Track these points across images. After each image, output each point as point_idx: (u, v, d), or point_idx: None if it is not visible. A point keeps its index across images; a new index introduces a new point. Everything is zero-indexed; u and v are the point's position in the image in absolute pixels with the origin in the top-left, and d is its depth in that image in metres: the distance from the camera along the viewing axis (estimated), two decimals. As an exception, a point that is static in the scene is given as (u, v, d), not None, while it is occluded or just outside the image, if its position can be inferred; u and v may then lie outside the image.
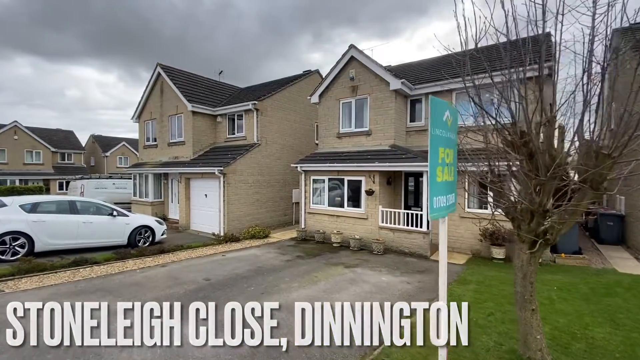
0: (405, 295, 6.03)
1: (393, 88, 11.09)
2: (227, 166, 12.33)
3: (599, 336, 4.37)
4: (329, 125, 12.80)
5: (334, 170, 11.38)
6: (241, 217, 13.03)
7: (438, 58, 14.73)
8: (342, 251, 10.02)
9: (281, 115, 14.95)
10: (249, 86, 18.73)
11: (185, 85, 15.38)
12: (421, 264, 8.64)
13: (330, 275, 7.18)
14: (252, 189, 13.53)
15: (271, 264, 8.17)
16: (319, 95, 12.99)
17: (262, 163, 14.00)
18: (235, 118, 14.84)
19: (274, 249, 10.01)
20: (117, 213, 10.09)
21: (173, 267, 7.76)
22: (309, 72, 17.03)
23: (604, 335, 4.39)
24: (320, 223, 11.90)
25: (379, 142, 11.49)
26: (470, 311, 5.21)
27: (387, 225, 10.32)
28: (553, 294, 6.01)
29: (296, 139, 15.93)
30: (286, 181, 15.29)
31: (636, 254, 9.73)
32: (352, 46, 12.00)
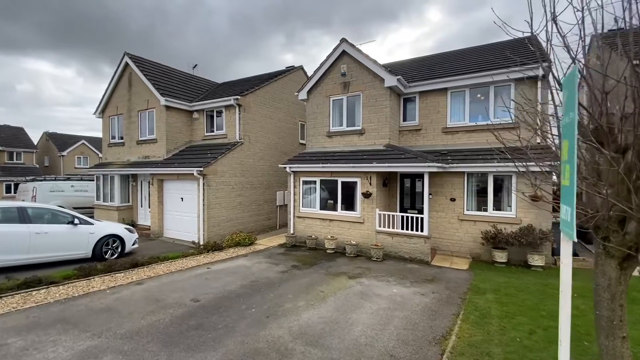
0: (427, 310, 5.39)
1: (388, 85, 10.55)
2: (207, 166, 11.17)
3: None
4: (318, 124, 12.04)
5: (326, 171, 10.62)
6: (223, 223, 11.90)
7: (431, 56, 14.47)
8: (339, 258, 9.28)
9: (265, 112, 13.96)
10: (227, 81, 17.50)
11: (157, 77, 13.93)
12: (425, 271, 8.11)
13: (336, 289, 6.40)
14: (235, 192, 12.44)
15: (266, 277, 7.24)
16: (307, 91, 12.19)
17: (245, 163, 12.94)
18: (214, 114, 13.63)
19: (264, 259, 9.06)
20: (79, 221, 8.66)
21: (151, 285, 6.60)
22: (292, 68, 16.16)
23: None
24: (311, 228, 11.08)
25: (373, 141, 10.90)
26: (506, 326, 4.71)
27: (385, 229, 9.73)
28: (579, 303, 5.65)
29: (280, 137, 15.00)
30: (270, 183, 14.32)
31: (626, 254, 9.85)
32: (344, 40, 11.32)
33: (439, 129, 11.06)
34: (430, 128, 11.23)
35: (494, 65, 10.51)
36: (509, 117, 10.07)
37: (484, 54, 12.18)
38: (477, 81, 10.30)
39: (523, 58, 10.37)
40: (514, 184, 9.15)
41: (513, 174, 9.14)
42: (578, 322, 4.78)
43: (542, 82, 9.52)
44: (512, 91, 9.99)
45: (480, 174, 9.70)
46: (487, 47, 13.08)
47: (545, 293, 6.24)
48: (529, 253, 8.54)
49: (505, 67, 9.98)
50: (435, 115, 11.14)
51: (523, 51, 11.07)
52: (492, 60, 11.12)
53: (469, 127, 10.58)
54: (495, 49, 12.32)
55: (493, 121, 10.23)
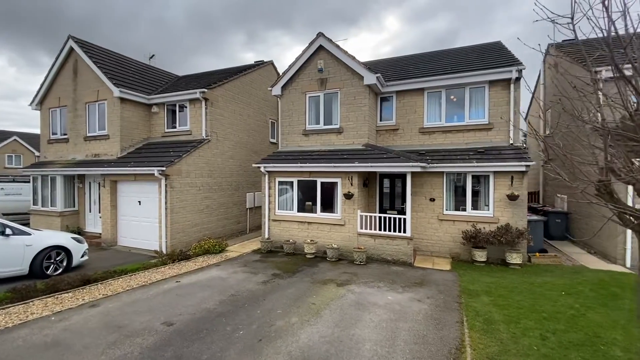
0: (430, 319, 5.06)
1: (367, 83, 10.25)
2: (170, 166, 10.02)
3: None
4: (294, 121, 11.41)
5: (305, 172, 10.03)
6: (188, 228, 10.78)
7: (405, 57, 14.48)
8: (320, 263, 8.74)
9: (233, 107, 12.99)
10: (189, 74, 16.14)
11: (109, 66, 12.33)
12: (411, 273, 7.87)
13: (328, 300, 5.85)
14: (201, 194, 11.36)
15: (247, 289, 6.47)
16: (281, 86, 11.51)
17: (213, 162, 11.90)
18: (176, 109, 12.38)
19: (240, 267, 8.23)
20: (11, 230, 7.17)
21: (110, 307, 5.53)
22: (261, 63, 15.31)
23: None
24: (288, 232, 10.41)
25: (352, 140, 10.54)
26: (516, 332, 4.50)
27: (367, 231, 9.38)
28: (571, 301, 5.68)
29: (250, 135, 14.10)
30: (240, 184, 13.37)
31: (587, 248, 10.52)
32: (321, 34, 10.82)
33: (416, 129, 10.99)
34: (407, 128, 11.13)
35: (469, 67, 10.66)
36: (483, 118, 10.35)
37: (457, 56, 12.39)
38: (453, 82, 10.36)
39: (496, 61, 10.66)
40: (492, 184, 9.28)
41: (491, 174, 9.27)
42: (581, 323, 4.73)
43: (515, 84, 9.82)
44: (487, 93, 10.18)
45: (459, 174, 9.74)
46: (460, 49, 13.36)
47: (535, 292, 6.24)
48: (507, 251, 8.68)
49: (479, 69, 10.17)
50: (413, 115, 11.07)
51: (495, 55, 11.41)
52: (466, 62, 11.31)
53: (446, 128, 10.63)
54: (468, 52, 12.61)
55: (468, 122, 10.41)
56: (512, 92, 9.83)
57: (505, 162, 8.95)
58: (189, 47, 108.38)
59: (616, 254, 8.80)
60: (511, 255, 8.61)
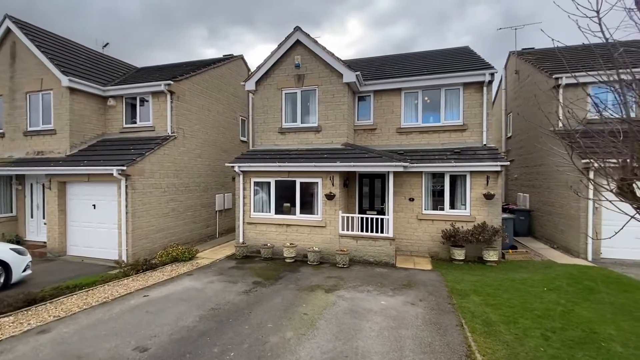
0: (430, 324, 4.87)
1: (347, 81, 10.02)
2: (131, 165, 8.99)
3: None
4: (269, 119, 10.85)
5: (284, 171, 9.52)
6: (152, 234, 9.77)
7: (381, 57, 14.47)
8: (302, 268, 8.31)
9: (202, 102, 12.09)
10: (149, 66, 14.82)
11: (55, 51, 10.85)
12: (396, 274, 7.73)
13: (320, 309, 5.45)
14: (167, 196, 10.37)
15: (228, 301, 5.86)
16: (255, 81, 10.89)
17: (180, 162, 10.94)
18: (137, 102, 11.22)
19: (216, 276, 7.53)
20: None
21: (65, 333, 4.65)
22: (231, 57, 14.47)
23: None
24: (264, 235, 9.83)
25: (330, 139, 10.24)
26: (518, 333, 4.43)
27: (349, 232, 9.12)
28: (555, 297, 5.83)
29: (220, 133, 13.25)
30: (208, 185, 12.49)
31: (550, 243, 11.18)
32: (298, 28, 10.39)
33: (394, 129, 10.97)
34: (385, 128, 11.08)
35: (444, 69, 10.85)
36: (458, 119, 10.57)
37: (432, 58, 12.61)
38: (429, 83, 10.47)
39: (469, 64, 10.96)
40: (469, 183, 9.46)
41: (467, 174, 9.45)
42: (573, 319, 4.82)
43: (488, 87, 10.13)
44: (461, 95, 10.41)
45: (437, 174, 9.82)
46: (434, 52, 13.63)
47: (519, 290, 6.35)
48: (485, 249, 8.88)
49: (455, 72, 10.39)
50: (390, 115, 11.03)
51: (468, 58, 11.74)
52: (441, 64, 11.52)
53: (422, 128, 10.72)
54: (441, 55, 12.89)
55: (444, 123, 10.58)
56: (485, 95, 10.14)
57: (482, 162, 9.17)
58: (144, 39, 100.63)
59: (579, 249, 9.37)
60: (488, 252, 8.82)
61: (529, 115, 13.22)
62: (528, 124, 13.26)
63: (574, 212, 9.57)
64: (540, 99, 11.95)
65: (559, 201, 10.59)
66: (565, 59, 11.97)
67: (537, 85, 12.18)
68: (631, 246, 8.85)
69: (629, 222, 3.05)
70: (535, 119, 12.47)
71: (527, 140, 13.44)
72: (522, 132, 14.11)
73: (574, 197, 9.58)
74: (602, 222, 9.13)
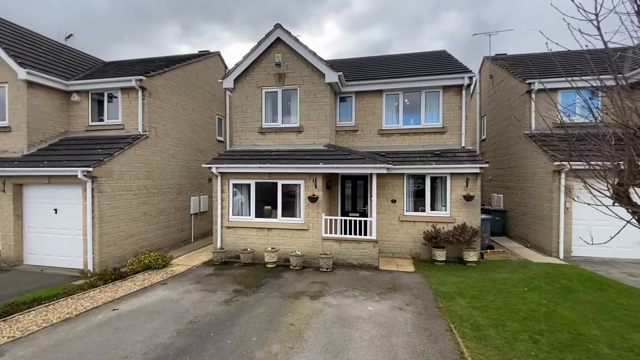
0: (420, 330, 4.77)
1: (329, 81, 9.86)
2: (99, 166, 8.32)
3: None
4: (248, 118, 10.48)
5: (265, 173, 9.19)
6: (121, 240, 9.11)
7: (361, 58, 14.42)
8: (284, 273, 8.03)
9: (176, 100, 11.48)
10: (118, 60, 13.94)
11: (11, 41, 9.88)
12: (380, 277, 7.65)
13: (307, 318, 5.22)
14: (138, 199, 9.72)
15: (207, 312, 5.48)
16: (234, 79, 10.47)
17: (152, 162, 10.30)
18: (104, 98, 10.45)
19: (192, 284, 7.09)
20: None
21: (20, 357, 4.11)
22: (207, 53, 13.89)
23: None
24: (244, 239, 9.44)
25: (313, 140, 10.03)
26: (507, 337, 4.41)
27: (332, 235, 8.94)
28: (537, 297, 5.94)
29: (195, 132, 12.66)
30: (183, 187, 11.88)
31: (524, 243, 11.58)
32: (279, 26, 10.10)
33: (375, 131, 10.95)
34: (366, 129, 11.03)
35: (425, 72, 10.95)
36: (438, 122, 10.70)
37: (412, 61, 12.72)
38: (410, 85, 10.53)
39: (449, 68, 11.13)
40: (449, 185, 9.57)
41: (448, 175, 9.56)
42: (558, 320, 4.89)
43: (466, 90, 10.32)
44: (441, 98, 10.54)
45: (419, 176, 9.87)
46: (413, 55, 13.78)
47: (502, 290, 6.44)
48: (465, 250, 9.01)
49: (435, 74, 10.51)
50: (372, 116, 11.00)
51: (447, 62, 11.94)
52: (422, 67, 11.63)
53: (403, 130, 10.76)
54: (420, 58, 13.05)
55: (424, 125, 10.68)
56: (464, 98, 10.32)
57: (462, 164, 9.31)
58: (112, 33, 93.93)
59: (551, 248, 9.74)
60: (468, 253, 8.95)
61: (502, 119, 13.69)
62: (502, 127, 13.72)
63: (547, 212, 9.93)
64: (514, 104, 12.39)
65: (532, 202, 10.98)
66: (539, 65, 12.48)
67: (511, 89, 12.62)
68: (598, 245, 9.28)
69: (625, 226, 3.05)
70: (509, 122, 12.93)
71: (501, 143, 13.89)
72: (495, 135, 14.57)
73: (547, 198, 9.96)
74: (573, 222, 9.55)
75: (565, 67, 11.85)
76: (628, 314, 5.04)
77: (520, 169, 11.95)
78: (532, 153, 10.86)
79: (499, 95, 14.05)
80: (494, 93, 14.71)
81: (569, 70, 11.28)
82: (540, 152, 10.20)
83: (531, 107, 11.19)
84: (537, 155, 10.51)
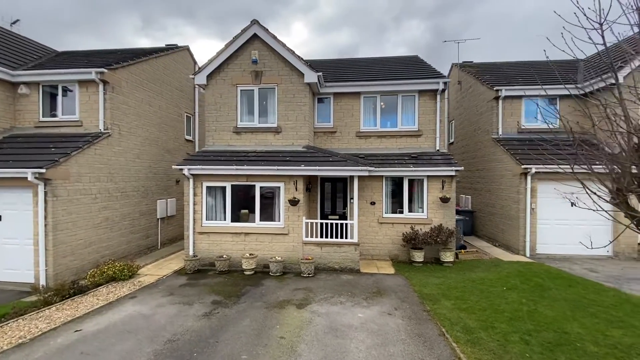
0: (414, 336, 4.71)
1: (308, 81, 9.65)
2: (53, 166, 7.42)
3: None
4: (222, 117, 9.97)
5: (242, 175, 8.75)
6: (80, 249, 8.22)
7: (338, 60, 14.32)
8: (265, 280, 7.67)
9: (142, 96, 10.63)
10: (76, 50, 12.66)
11: (-61, 20, 8.54)
12: (364, 281, 7.57)
13: (297, 329, 4.95)
14: (99, 203, 8.84)
15: (186, 329, 5.01)
16: (207, 75, 9.92)
17: (114, 163, 9.43)
18: (58, 91, 9.38)
19: (165, 297, 6.52)
20: None
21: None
22: (175, 47, 13.05)
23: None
24: (219, 246, 8.92)
25: (291, 141, 9.76)
26: (499, 339, 4.45)
27: (313, 239, 8.73)
28: (516, 296, 6.15)
29: (162, 131, 11.82)
30: (149, 189, 11.04)
31: (492, 242, 12.13)
32: (255, 21, 9.71)
33: (353, 133, 10.91)
34: (344, 131, 10.96)
35: (401, 75, 11.10)
36: (414, 125, 10.89)
37: (388, 65, 12.86)
38: (388, 88, 10.64)
39: (424, 73, 11.38)
40: (426, 187, 9.75)
41: (425, 178, 9.74)
42: (541, 319, 5.07)
43: (441, 95, 10.60)
44: (416, 101, 10.74)
45: (397, 178, 9.95)
46: (388, 59, 13.95)
47: (483, 291, 6.61)
48: (441, 250, 9.22)
49: (411, 78, 10.70)
50: (350, 118, 10.95)
51: (421, 67, 12.20)
52: (398, 71, 11.78)
53: (380, 133, 10.83)
54: (395, 62, 13.23)
55: (401, 128, 10.82)
56: (439, 103, 10.60)
57: (438, 167, 9.52)
58: (63, 22, 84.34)
59: (518, 246, 10.27)
60: (445, 254, 9.16)
61: (470, 123, 14.30)
62: (470, 131, 14.33)
63: (514, 213, 10.46)
64: (482, 109, 12.97)
65: (500, 203, 11.53)
66: (505, 73, 13.17)
67: (479, 95, 13.21)
68: (559, 243, 10.01)
69: (624, 231, 3.15)
70: (477, 126, 13.52)
71: (469, 147, 14.49)
72: (463, 138, 15.18)
73: (514, 199, 10.50)
74: (538, 222, 10.14)
75: (526, 77, 12.68)
76: (601, 310, 5.37)
77: (488, 171, 12.51)
78: (500, 156, 11.40)
79: (467, 101, 14.64)
80: (462, 98, 15.31)
81: (529, 80, 12.09)
82: (508, 156, 10.72)
83: (498, 112, 11.76)
84: (504, 159, 11.04)
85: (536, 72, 12.75)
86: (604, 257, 9.85)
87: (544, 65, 13.59)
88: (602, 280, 7.30)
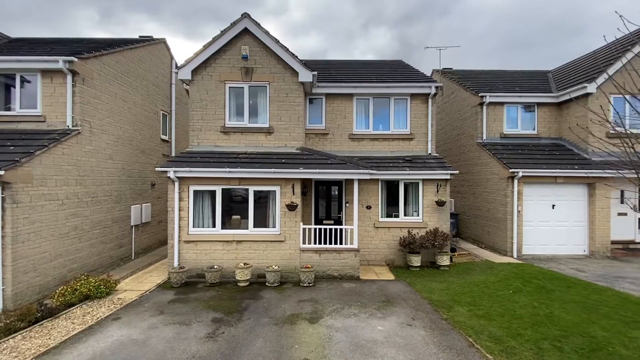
0: (444, 348, 4.45)
1: (302, 80, 9.25)
2: (13, 168, 6.33)
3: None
4: (209, 115, 9.26)
5: (234, 178, 8.09)
6: (44, 264, 7.10)
7: (331, 61, 13.99)
8: (263, 292, 7.09)
9: (115, 90, 9.57)
10: (34, 38, 11.20)
11: None
12: (368, 289, 7.26)
13: (319, 349, 4.48)
14: (66, 210, 7.74)
15: (191, 355, 4.35)
16: (191, 70, 9.16)
17: (84, 164, 8.34)
18: (15, 82, 8.13)
19: (155, 316, 5.74)
20: None
21: None
22: (150, 39, 12.00)
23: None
24: (208, 255, 8.17)
25: (284, 143, 9.29)
26: (532, 348, 4.31)
27: (311, 246, 8.28)
28: (525, 300, 6.14)
29: (136, 129, 10.76)
30: (122, 194, 9.96)
31: (477, 243, 12.41)
32: (246, 15, 9.15)
33: (346, 135, 10.65)
34: (337, 133, 10.66)
35: (394, 78, 11.03)
36: (406, 129, 10.84)
37: (379, 68, 12.77)
38: (381, 91, 10.52)
39: (416, 77, 11.40)
40: (421, 191, 9.69)
41: (420, 181, 9.68)
42: (563, 324, 5.03)
43: (432, 99, 10.65)
44: (409, 105, 10.72)
45: (392, 182, 9.81)
46: (378, 62, 13.91)
47: (492, 295, 6.56)
48: (438, 254, 9.18)
49: (404, 82, 10.66)
50: (342, 120, 10.68)
51: (412, 71, 12.24)
52: (389, 74, 11.70)
53: (373, 135, 10.68)
54: (385, 66, 13.19)
55: (393, 131, 10.73)
56: (430, 106, 10.64)
57: (433, 170, 9.50)
58: (10, 11, 73.89)
59: (506, 248, 10.53)
60: (442, 257, 9.13)
61: (453, 128, 14.62)
62: (452, 136, 14.64)
63: (502, 215, 10.73)
64: (466, 114, 13.29)
65: (485, 205, 11.81)
66: (487, 81, 13.59)
67: (463, 101, 13.53)
68: (542, 244, 10.42)
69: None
70: (460, 131, 13.84)
71: (451, 151, 14.79)
72: (445, 143, 15.49)
73: (501, 202, 10.78)
74: (524, 223, 10.46)
75: (506, 84, 13.19)
76: (611, 310, 5.48)
77: (473, 175, 12.80)
78: (485, 160, 11.69)
79: (449, 106, 14.96)
80: (443, 104, 15.63)
81: (509, 88, 12.60)
82: (494, 160, 11.00)
83: (483, 117, 12.08)
84: (490, 163, 11.32)
85: (513, 80, 13.36)
86: (582, 256, 10.39)
87: (520, 74, 14.31)
88: (592, 279, 7.58)
